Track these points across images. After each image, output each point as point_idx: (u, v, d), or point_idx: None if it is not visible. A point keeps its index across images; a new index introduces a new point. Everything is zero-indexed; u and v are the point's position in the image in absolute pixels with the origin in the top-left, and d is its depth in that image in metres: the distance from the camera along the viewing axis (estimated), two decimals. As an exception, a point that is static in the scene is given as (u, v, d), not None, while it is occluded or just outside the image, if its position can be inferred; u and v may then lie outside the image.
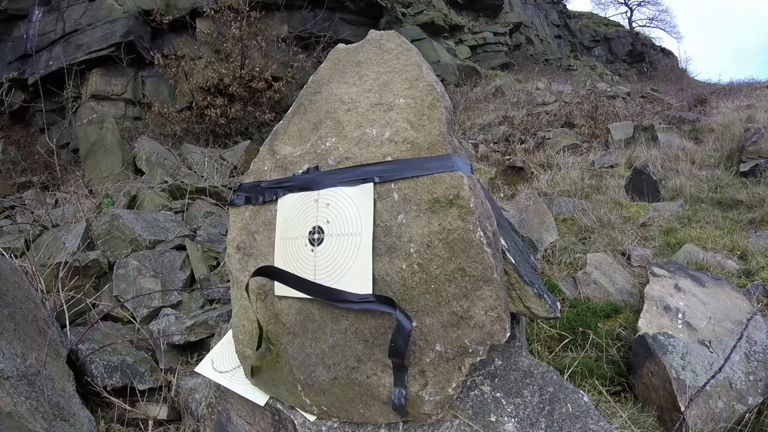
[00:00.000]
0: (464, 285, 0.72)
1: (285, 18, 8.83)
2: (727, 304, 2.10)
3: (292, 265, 0.84)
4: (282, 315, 0.87)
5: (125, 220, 2.91)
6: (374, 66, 0.85)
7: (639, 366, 1.89)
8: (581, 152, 6.20)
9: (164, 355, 1.92)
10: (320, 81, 0.92)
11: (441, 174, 0.74)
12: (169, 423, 1.61)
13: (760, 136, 4.72)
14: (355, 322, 0.79)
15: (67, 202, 4.42)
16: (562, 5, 23.43)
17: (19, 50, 8.73)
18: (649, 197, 4.26)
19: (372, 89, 0.83)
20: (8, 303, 1.55)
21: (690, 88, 13.20)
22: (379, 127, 0.80)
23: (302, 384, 0.87)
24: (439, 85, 0.81)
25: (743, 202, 3.94)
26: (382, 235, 0.77)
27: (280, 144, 0.94)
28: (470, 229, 0.72)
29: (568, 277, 2.78)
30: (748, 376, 1.75)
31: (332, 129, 0.85)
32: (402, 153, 0.77)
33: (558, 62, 17.54)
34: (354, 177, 0.80)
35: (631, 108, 8.52)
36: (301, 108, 0.93)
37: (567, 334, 2.16)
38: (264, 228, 0.90)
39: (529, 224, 3.06)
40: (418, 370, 0.77)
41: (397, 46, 0.84)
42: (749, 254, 2.95)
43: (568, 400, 0.91)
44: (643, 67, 23.77)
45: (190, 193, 3.79)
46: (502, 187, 4.80)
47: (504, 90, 10.40)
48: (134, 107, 8.42)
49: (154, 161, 5.42)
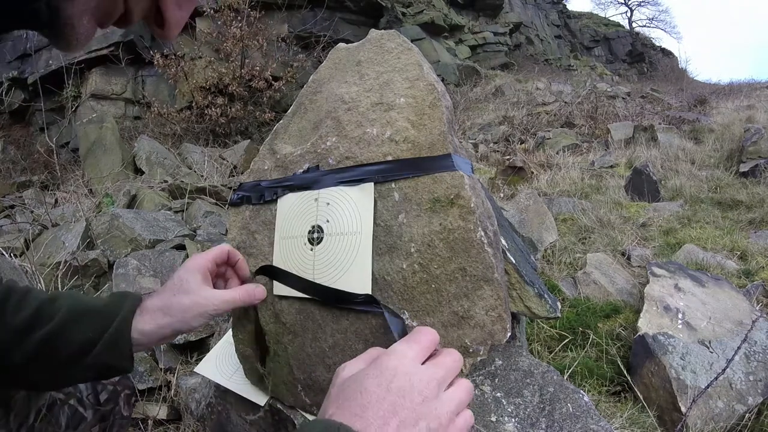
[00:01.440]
0: (465, 285, 0.72)
1: (285, 18, 8.83)
2: (727, 305, 2.10)
3: (291, 264, 0.84)
4: (282, 314, 0.87)
5: (125, 220, 2.90)
6: (375, 65, 0.84)
7: (639, 366, 1.89)
8: (581, 152, 6.20)
9: (164, 354, 1.92)
10: (320, 80, 0.91)
11: (442, 174, 0.74)
12: (169, 423, 1.61)
13: (760, 136, 4.72)
14: (355, 322, 0.79)
15: (66, 202, 4.42)
16: (562, 5, 23.44)
17: (18, 50, 8.73)
18: (649, 197, 4.26)
19: (372, 88, 0.83)
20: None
21: (690, 88, 13.20)
22: (379, 127, 0.80)
23: (302, 384, 0.87)
24: (440, 85, 0.81)
25: (743, 202, 3.94)
26: (383, 234, 0.77)
27: (281, 143, 0.93)
28: (471, 229, 0.72)
29: (568, 277, 2.78)
30: (748, 376, 1.75)
31: (333, 128, 0.84)
32: (403, 152, 0.77)
33: (558, 62, 17.55)
34: (354, 176, 0.79)
35: (631, 108, 8.53)
36: (301, 107, 0.93)
37: (567, 334, 2.16)
38: (264, 227, 0.90)
39: (529, 224, 3.06)
40: (418, 370, 0.76)
41: (397, 45, 0.84)
42: (749, 254, 2.95)
43: (568, 400, 0.91)
44: (643, 67, 23.78)
45: (190, 192, 3.79)
46: (502, 187, 4.80)
47: (504, 90, 10.41)
48: (134, 107, 8.42)
49: (153, 161, 5.41)
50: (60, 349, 0.66)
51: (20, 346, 0.65)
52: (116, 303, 0.70)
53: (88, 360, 0.66)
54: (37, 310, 0.67)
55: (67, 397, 0.86)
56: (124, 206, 3.78)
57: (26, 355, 0.65)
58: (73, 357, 0.66)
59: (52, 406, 0.83)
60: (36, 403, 0.80)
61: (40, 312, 0.67)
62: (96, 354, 0.66)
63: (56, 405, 0.84)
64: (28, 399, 0.79)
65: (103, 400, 0.92)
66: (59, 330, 0.66)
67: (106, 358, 0.67)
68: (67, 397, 0.86)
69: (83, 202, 4.14)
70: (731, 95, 9.91)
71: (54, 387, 0.78)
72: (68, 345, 0.66)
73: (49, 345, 0.65)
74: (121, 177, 5.04)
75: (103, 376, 0.74)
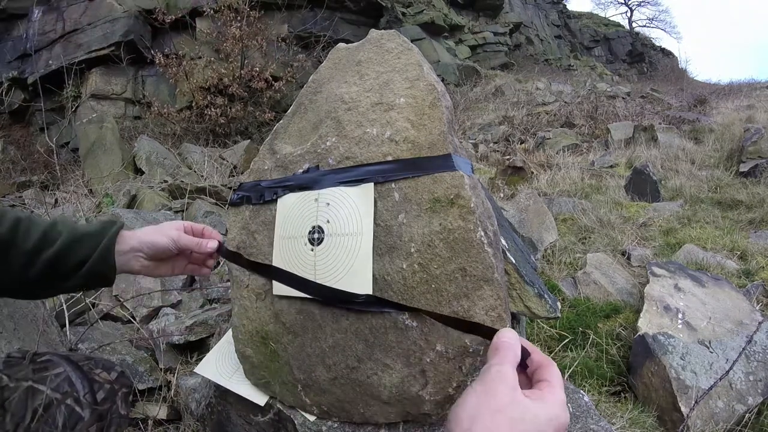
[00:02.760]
0: (465, 285, 0.72)
1: (285, 18, 8.82)
2: (727, 305, 2.10)
3: (291, 264, 0.84)
4: (282, 314, 0.87)
5: (125, 220, 2.90)
6: (375, 65, 0.84)
7: (639, 366, 1.89)
8: (581, 152, 6.20)
9: (164, 354, 1.92)
10: (320, 80, 0.91)
11: (442, 174, 0.74)
12: (169, 423, 1.61)
13: (760, 136, 4.72)
14: (355, 322, 0.79)
15: (66, 202, 4.42)
16: (562, 5, 23.45)
17: (18, 50, 8.73)
18: (649, 197, 4.26)
19: (372, 89, 0.83)
20: (8, 302, 1.55)
21: (690, 88, 13.20)
22: (379, 127, 0.80)
23: (302, 384, 0.87)
24: (440, 85, 0.81)
25: (743, 202, 3.94)
26: (383, 234, 0.77)
27: (281, 143, 0.93)
28: (471, 229, 0.72)
29: (568, 277, 2.77)
30: (748, 377, 1.75)
31: (332, 128, 0.84)
32: (403, 152, 0.77)
33: (558, 62, 17.54)
34: (354, 176, 0.79)
35: (631, 108, 8.52)
36: (301, 107, 0.93)
37: (567, 334, 2.16)
38: (264, 227, 0.90)
39: (529, 224, 3.06)
40: (418, 369, 0.76)
41: (397, 45, 0.84)
42: (749, 254, 2.95)
43: (568, 400, 0.91)
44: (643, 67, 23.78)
45: (190, 192, 3.78)
46: (502, 187, 4.80)
47: (504, 90, 10.40)
48: (134, 107, 8.41)
49: (153, 161, 5.41)
50: (63, 266, 0.82)
51: (33, 264, 0.80)
52: (105, 228, 0.87)
53: (82, 271, 0.83)
54: (43, 234, 0.82)
55: (63, 396, 0.86)
56: (124, 206, 3.77)
57: (37, 271, 0.80)
58: (71, 271, 0.83)
59: (48, 406, 0.83)
60: (32, 403, 0.81)
61: (46, 236, 0.82)
62: (89, 266, 0.83)
63: (53, 405, 0.84)
64: (25, 399, 0.79)
65: (101, 399, 0.92)
66: (63, 251, 0.82)
67: (98, 267, 0.83)
68: (64, 396, 0.86)
69: (83, 202, 4.14)
70: (731, 95, 9.91)
71: (52, 295, 0.95)
72: (69, 262, 0.82)
73: (55, 263, 0.81)
74: (121, 177, 5.04)
75: (91, 286, 0.90)
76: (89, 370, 0.95)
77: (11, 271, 0.80)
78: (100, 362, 1.00)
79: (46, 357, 0.92)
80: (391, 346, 0.77)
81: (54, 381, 0.87)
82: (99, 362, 0.99)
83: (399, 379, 0.78)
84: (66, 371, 0.90)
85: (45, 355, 0.93)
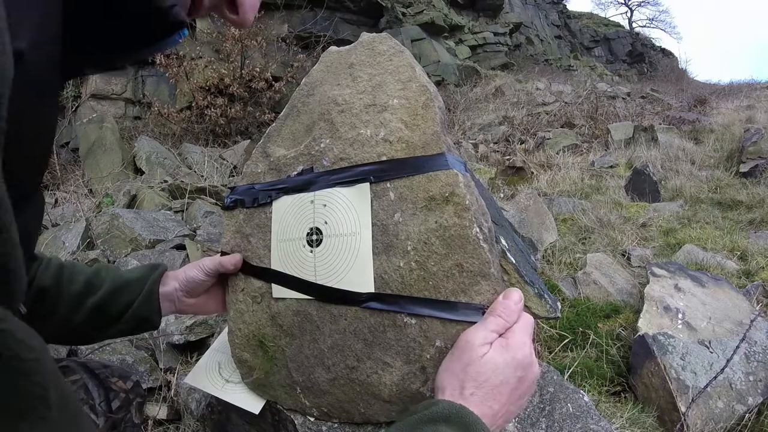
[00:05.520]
0: (462, 281, 0.72)
1: (285, 18, 8.83)
2: (727, 305, 2.10)
3: (291, 266, 0.84)
4: (279, 317, 0.87)
5: (125, 220, 2.91)
6: (367, 68, 0.84)
7: (639, 366, 1.89)
8: (581, 152, 6.20)
9: (164, 354, 1.92)
10: (313, 83, 0.91)
11: (436, 172, 0.74)
12: (169, 423, 1.61)
13: (760, 136, 4.72)
14: (353, 322, 0.79)
15: (66, 202, 4.42)
16: (562, 5, 23.46)
17: (19, 50, 8.73)
18: (649, 197, 4.26)
19: (365, 90, 0.83)
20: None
21: (690, 88, 13.20)
22: (373, 128, 0.80)
23: (301, 386, 0.87)
24: (431, 86, 0.81)
25: (743, 202, 3.94)
26: (380, 233, 0.77)
27: (274, 146, 0.93)
28: (466, 226, 0.72)
29: (568, 277, 2.77)
30: (748, 377, 1.75)
31: (326, 130, 0.84)
32: (397, 152, 0.77)
33: (558, 62, 17.55)
34: (350, 177, 0.79)
35: (631, 108, 8.53)
36: (294, 110, 0.93)
37: (567, 334, 2.16)
38: (258, 231, 0.90)
39: (529, 224, 3.06)
40: (418, 366, 0.76)
41: (389, 48, 0.84)
42: (749, 255, 2.95)
43: (568, 400, 0.91)
44: (643, 67, 23.78)
45: (190, 192, 3.79)
46: (502, 187, 4.80)
47: (504, 90, 10.41)
48: (134, 107, 8.42)
49: (153, 161, 5.42)
50: (107, 312, 0.85)
51: (78, 310, 0.83)
52: (147, 273, 0.90)
53: (127, 316, 0.85)
54: (86, 282, 0.85)
55: (79, 404, 0.86)
56: (124, 206, 3.78)
57: (82, 317, 0.83)
58: (117, 316, 0.85)
59: None
60: None
61: (89, 284, 0.85)
62: (133, 311, 0.85)
63: None
64: None
65: (115, 408, 0.94)
66: (107, 298, 0.85)
67: (142, 312, 0.86)
68: (80, 403, 0.86)
69: (83, 202, 4.14)
70: (731, 95, 9.90)
71: (100, 339, 0.96)
72: (113, 308, 0.85)
73: (100, 310, 0.84)
74: (121, 177, 5.04)
75: (137, 330, 0.91)
76: (105, 378, 0.96)
77: (58, 317, 0.82)
78: (117, 370, 1.01)
79: (64, 363, 0.94)
80: (391, 344, 0.77)
81: None
82: (116, 370, 1.01)
83: (399, 377, 0.78)
84: (83, 378, 0.92)
85: (63, 362, 0.95)
